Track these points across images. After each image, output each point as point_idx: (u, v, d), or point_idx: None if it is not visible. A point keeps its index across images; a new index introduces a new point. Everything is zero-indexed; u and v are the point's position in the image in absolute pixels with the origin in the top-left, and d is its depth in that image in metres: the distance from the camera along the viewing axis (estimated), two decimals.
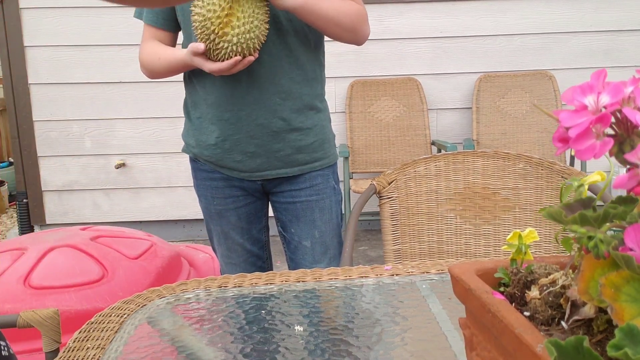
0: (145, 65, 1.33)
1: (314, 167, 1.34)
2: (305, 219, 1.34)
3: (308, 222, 1.34)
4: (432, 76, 3.28)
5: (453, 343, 0.69)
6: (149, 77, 1.36)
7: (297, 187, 1.33)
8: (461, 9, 3.22)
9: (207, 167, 1.35)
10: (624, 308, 0.31)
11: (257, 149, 1.28)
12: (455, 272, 0.46)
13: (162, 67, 1.29)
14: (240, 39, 1.09)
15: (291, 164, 1.31)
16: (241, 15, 1.08)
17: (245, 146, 1.28)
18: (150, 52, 1.31)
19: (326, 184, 1.36)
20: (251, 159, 1.29)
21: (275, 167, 1.31)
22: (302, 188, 1.34)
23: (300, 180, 1.33)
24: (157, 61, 1.29)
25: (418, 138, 3.21)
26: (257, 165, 1.30)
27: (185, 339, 0.76)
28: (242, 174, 1.32)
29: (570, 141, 0.32)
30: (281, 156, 1.30)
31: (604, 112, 0.32)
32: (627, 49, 3.24)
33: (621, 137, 0.34)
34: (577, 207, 0.36)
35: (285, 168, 1.31)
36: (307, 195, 1.33)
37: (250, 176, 1.32)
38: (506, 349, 0.38)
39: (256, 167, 1.30)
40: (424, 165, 1.33)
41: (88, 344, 0.71)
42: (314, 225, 1.34)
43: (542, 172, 1.27)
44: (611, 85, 0.33)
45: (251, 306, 0.82)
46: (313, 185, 1.34)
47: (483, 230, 1.32)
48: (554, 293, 0.41)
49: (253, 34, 1.10)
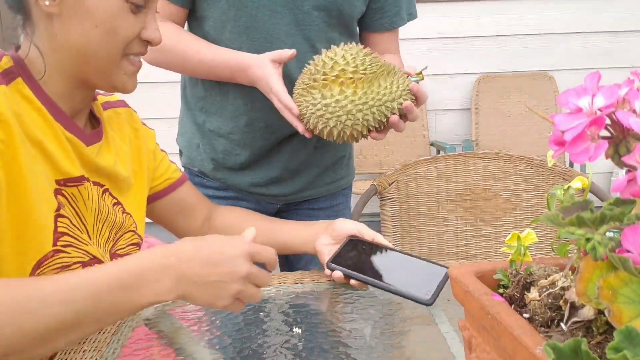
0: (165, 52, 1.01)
1: (341, 185, 1.21)
2: None
3: None
4: (431, 77, 3.28)
5: (452, 345, 0.68)
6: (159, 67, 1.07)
7: (316, 206, 1.18)
8: (460, 9, 3.22)
9: (215, 184, 1.16)
10: (621, 310, 0.31)
11: (284, 173, 1.13)
12: (454, 274, 0.46)
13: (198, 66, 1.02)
14: (327, 111, 0.89)
15: (318, 185, 1.17)
16: (359, 92, 0.88)
17: (273, 171, 1.13)
18: (181, 40, 1.02)
19: (346, 204, 1.25)
20: (277, 185, 1.14)
21: (301, 190, 1.16)
22: (322, 208, 1.19)
23: (322, 199, 1.19)
24: (192, 56, 1.01)
25: (417, 139, 3.20)
26: (282, 190, 1.15)
27: (182, 341, 0.76)
28: (263, 197, 1.15)
29: (566, 144, 0.32)
30: (311, 177, 1.16)
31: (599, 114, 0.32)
32: (627, 50, 3.24)
33: (617, 139, 0.33)
34: (574, 209, 0.36)
35: (311, 190, 1.17)
36: (326, 217, 1.11)
37: (272, 199, 1.17)
38: (505, 351, 0.38)
39: (280, 192, 1.15)
40: (425, 166, 1.33)
41: (85, 346, 0.71)
42: None
43: (543, 173, 1.27)
44: (605, 88, 0.33)
45: (249, 308, 0.81)
46: (334, 206, 1.21)
47: (483, 232, 1.32)
48: (553, 295, 0.40)
49: (348, 121, 0.89)
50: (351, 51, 0.91)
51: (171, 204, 0.97)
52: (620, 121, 0.32)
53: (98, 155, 0.79)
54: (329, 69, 0.89)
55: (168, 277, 0.61)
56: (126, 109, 0.91)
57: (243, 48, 1.03)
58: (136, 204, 0.88)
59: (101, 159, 0.79)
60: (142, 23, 0.75)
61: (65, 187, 0.73)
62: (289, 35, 1.03)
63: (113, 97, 0.91)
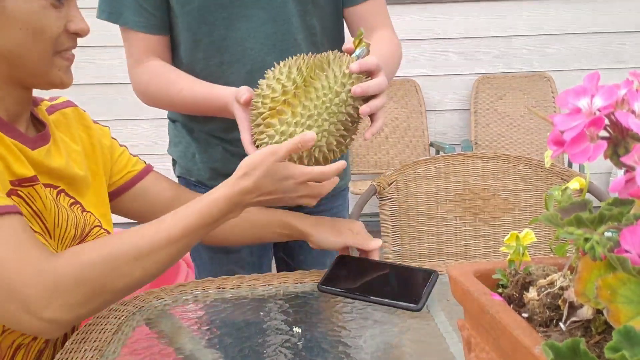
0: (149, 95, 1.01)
1: (340, 186, 1.17)
2: None
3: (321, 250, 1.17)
4: (430, 77, 3.28)
5: (451, 344, 0.69)
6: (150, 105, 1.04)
7: (315, 210, 1.10)
8: (459, 10, 3.22)
9: None
10: (620, 310, 0.31)
11: None
12: (453, 274, 0.46)
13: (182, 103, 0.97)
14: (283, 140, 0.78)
15: None
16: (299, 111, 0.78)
17: None
18: (163, 81, 0.98)
19: (344, 205, 1.21)
20: None
21: None
22: (321, 210, 1.12)
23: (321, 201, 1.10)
24: (176, 94, 0.97)
25: (416, 139, 3.21)
26: None
27: (183, 340, 0.76)
28: None
29: (565, 144, 0.32)
30: None
31: (598, 115, 0.33)
32: (625, 51, 3.24)
33: (616, 140, 0.34)
34: (573, 209, 0.36)
35: None
36: None
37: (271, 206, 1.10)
38: (504, 351, 0.38)
39: None
40: (424, 166, 1.33)
41: (85, 345, 0.71)
42: (325, 253, 1.16)
43: (541, 173, 1.27)
44: (605, 88, 0.34)
45: (249, 308, 0.82)
46: (332, 208, 1.17)
47: (482, 232, 1.32)
48: (552, 294, 0.41)
49: None
50: (275, 72, 0.81)
51: (137, 195, 0.95)
52: (619, 122, 0.32)
53: (48, 158, 0.78)
54: (262, 105, 0.81)
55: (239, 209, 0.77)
56: (74, 109, 0.90)
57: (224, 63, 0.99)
58: (97, 201, 0.87)
59: (52, 160, 0.79)
60: (66, 16, 0.75)
61: (21, 187, 0.72)
62: (267, 36, 0.99)
63: (59, 99, 0.90)
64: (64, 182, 0.81)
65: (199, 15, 0.97)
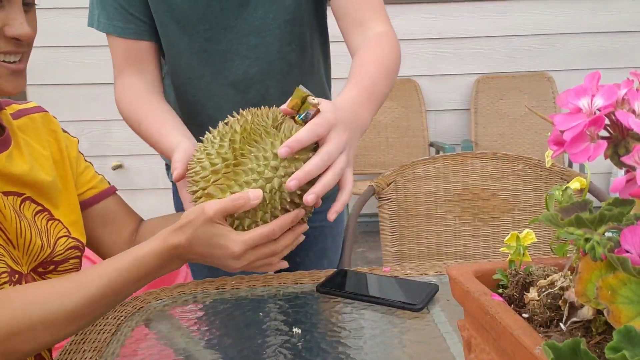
0: (122, 114, 0.99)
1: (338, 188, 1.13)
2: (317, 248, 1.13)
3: (318, 251, 1.11)
4: (430, 77, 3.28)
5: (451, 345, 0.68)
6: None
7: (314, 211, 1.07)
8: (459, 10, 3.22)
9: None
10: (621, 310, 0.31)
11: None
12: (453, 274, 0.46)
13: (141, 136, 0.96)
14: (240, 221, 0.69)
15: None
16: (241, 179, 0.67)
17: None
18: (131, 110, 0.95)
19: None
20: None
21: None
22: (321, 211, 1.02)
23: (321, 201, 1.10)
24: (137, 125, 0.95)
25: (416, 139, 3.21)
26: None
27: (182, 341, 0.76)
28: None
29: (565, 144, 0.32)
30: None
31: (598, 114, 0.32)
32: (625, 51, 3.24)
33: (616, 140, 0.34)
34: (573, 209, 0.36)
35: None
36: (320, 220, 0.97)
37: None
38: (504, 351, 0.38)
39: None
40: (423, 166, 1.33)
41: (85, 346, 0.71)
42: (324, 255, 1.14)
43: (541, 173, 1.27)
44: (605, 88, 0.33)
45: (249, 308, 0.81)
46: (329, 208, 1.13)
47: (482, 232, 1.32)
48: (552, 295, 0.41)
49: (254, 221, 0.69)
50: (207, 142, 0.72)
51: (95, 216, 0.91)
52: (620, 121, 0.32)
53: (9, 163, 0.75)
54: (193, 183, 0.71)
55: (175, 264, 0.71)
56: (42, 114, 0.88)
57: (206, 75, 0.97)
58: (66, 208, 0.84)
59: (14, 166, 0.76)
60: (4, 19, 0.70)
61: None
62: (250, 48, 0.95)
63: (29, 104, 0.88)
64: (29, 188, 0.78)
65: (179, 26, 0.95)
